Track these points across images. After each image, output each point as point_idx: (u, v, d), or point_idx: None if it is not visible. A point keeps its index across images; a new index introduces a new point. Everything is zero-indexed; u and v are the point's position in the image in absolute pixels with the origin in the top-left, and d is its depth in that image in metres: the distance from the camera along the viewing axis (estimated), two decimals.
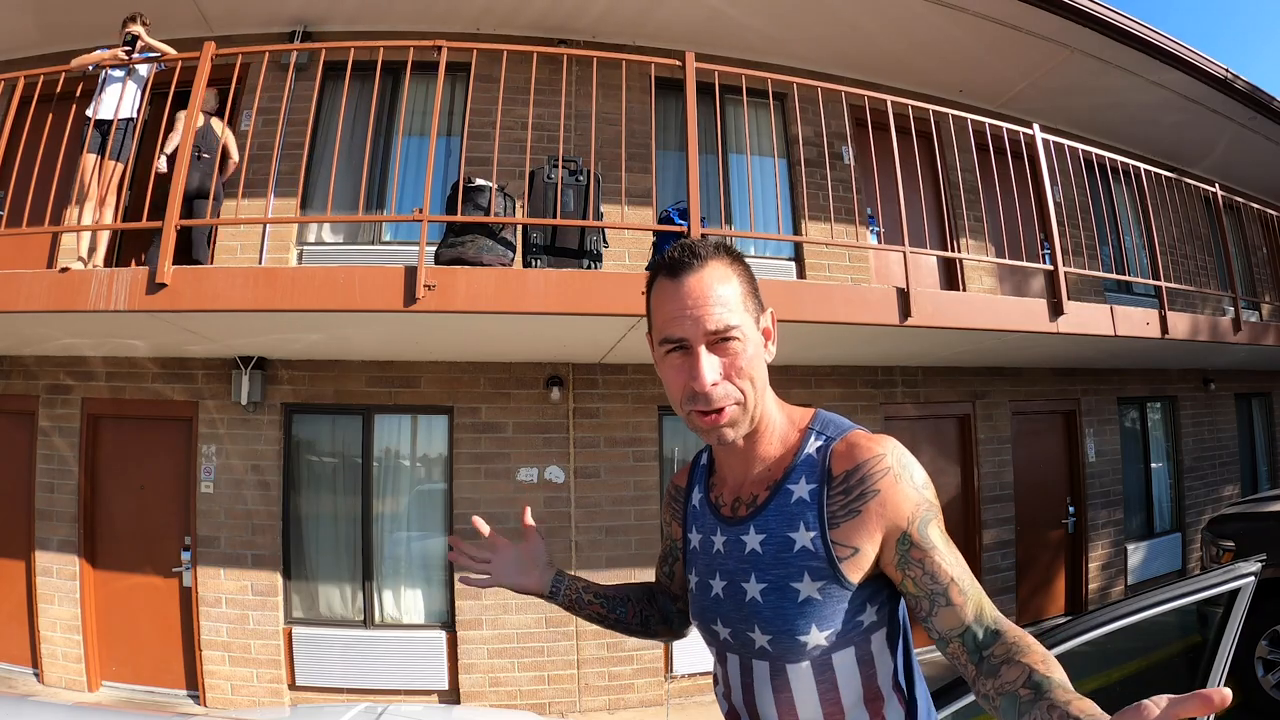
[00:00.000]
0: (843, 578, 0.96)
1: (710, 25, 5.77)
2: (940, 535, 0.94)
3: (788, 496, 1.01)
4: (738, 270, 1.04)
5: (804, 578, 0.97)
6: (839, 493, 0.97)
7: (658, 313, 1.03)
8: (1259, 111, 7.72)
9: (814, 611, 0.96)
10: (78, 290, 3.52)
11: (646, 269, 4.39)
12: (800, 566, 0.98)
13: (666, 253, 1.03)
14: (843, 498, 0.97)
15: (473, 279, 3.59)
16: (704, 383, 0.97)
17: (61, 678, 4.93)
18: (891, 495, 0.94)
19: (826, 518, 0.97)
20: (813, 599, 0.96)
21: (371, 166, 5.33)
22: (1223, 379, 8.48)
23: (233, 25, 5.52)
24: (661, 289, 1.03)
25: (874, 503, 0.94)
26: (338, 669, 4.90)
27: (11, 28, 5.41)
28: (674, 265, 1.02)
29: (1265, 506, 4.96)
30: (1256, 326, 6.26)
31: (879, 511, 0.94)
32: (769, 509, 1.03)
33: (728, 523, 1.09)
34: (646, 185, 5.26)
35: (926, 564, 0.92)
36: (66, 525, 5.02)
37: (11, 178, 4.22)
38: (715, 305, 0.98)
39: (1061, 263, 4.76)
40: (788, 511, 1.01)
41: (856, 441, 0.99)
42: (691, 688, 5.19)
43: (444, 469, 5.21)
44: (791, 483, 1.02)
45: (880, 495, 0.94)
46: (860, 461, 0.96)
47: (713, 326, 0.97)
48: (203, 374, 5.08)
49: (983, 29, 5.89)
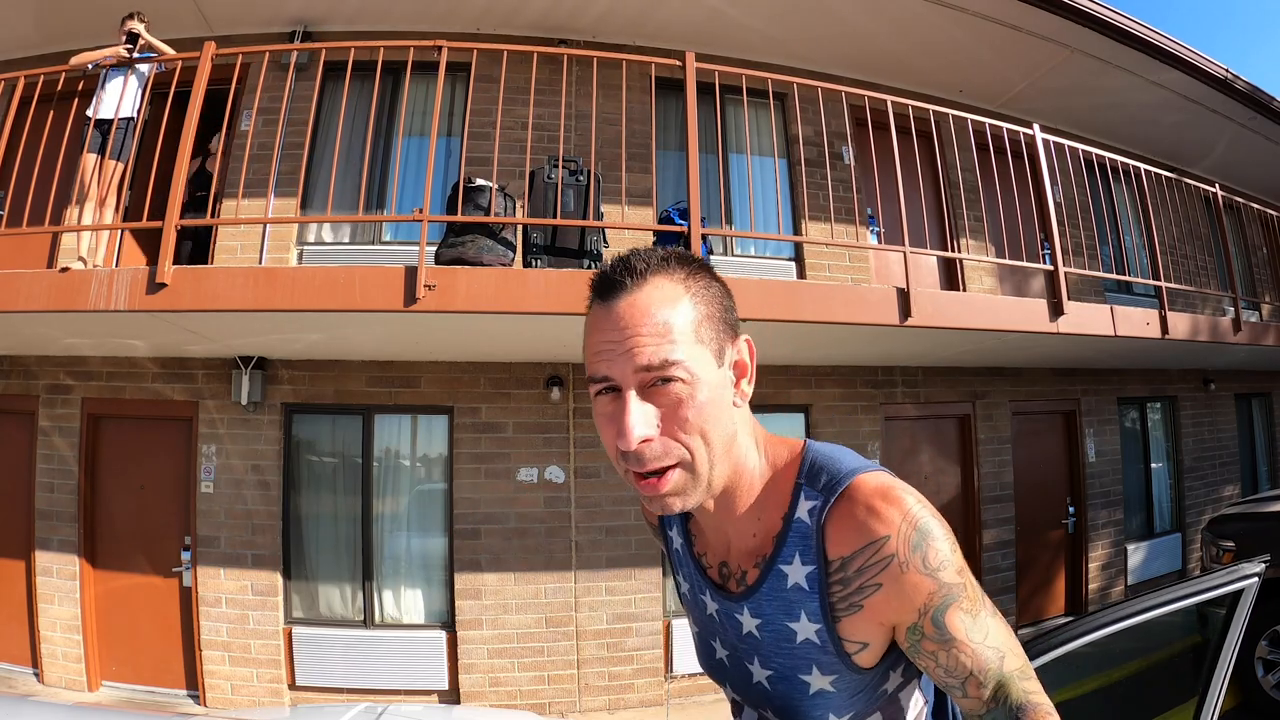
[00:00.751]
0: (855, 667, 0.83)
1: (710, 25, 5.77)
2: (961, 620, 0.77)
3: (782, 580, 0.85)
4: (694, 287, 0.81)
5: (812, 670, 0.84)
6: (837, 582, 0.81)
7: (586, 344, 0.83)
8: (1259, 111, 7.72)
9: (829, 701, 0.85)
10: (78, 290, 3.52)
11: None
12: (807, 660, 0.84)
13: (598, 269, 0.85)
14: (841, 588, 0.81)
15: (473, 279, 3.59)
16: (628, 438, 0.76)
17: (61, 678, 4.93)
18: (896, 590, 0.77)
19: (829, 609, 0.82)
20: (825, 691, 0.84)
21: (371, 166, 5.33)
22: (1223, 379, 8.48)
23: (233, 25, 5.52)
24: (592, 316, 0.83)
25: (877, 598, 0.79)
26: (338, 669, 4.90)
27: (11, 28, 5.42)
28: (604, 285, 0.81)
29: (1265, 507, 4.96)
30: (1256, 327, 6.26)
31: (883, 607, 0.79)
32: (762, 591, 0.87)
33: (717, 590, 0.93)
34: (647, 185, 5.26)
35: (941, 656, 0.78)
36: (66, 525, 5.02)
37: (11, 178, 4.22)
38: (648, 335, 0.77)
39: (1061, 263, 4.76)
40: (784, 598, 0.85)
41: (854, 512, 0.79)
42: (691, 688, 5.19)
43: (444, 469, 5.21)
44: (784, 561, 0.84)
45: (883, 591, 0.78)
46: (858, 549, 0.79)
47: (643, 361, 0.76)
48: (203, 374, 5.08)
49: (983, 29, 5.89)
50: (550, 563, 5.08)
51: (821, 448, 0.88)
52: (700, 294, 0.82)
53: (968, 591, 0.78)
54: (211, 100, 4.02)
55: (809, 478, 0.85)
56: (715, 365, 0.81)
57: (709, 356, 0.80)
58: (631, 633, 5.12)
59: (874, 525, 0.78)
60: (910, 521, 0.77)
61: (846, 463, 0.84)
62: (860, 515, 0.79)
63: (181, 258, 4.47)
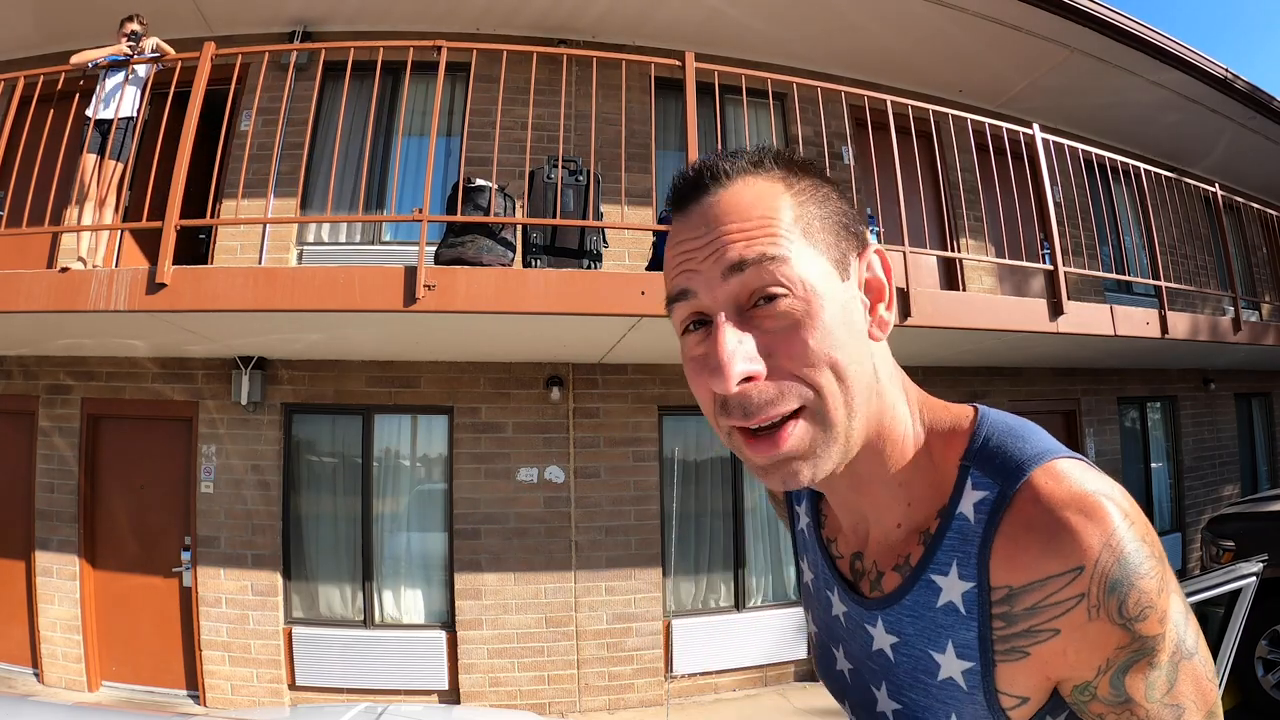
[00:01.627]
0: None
1: (710, 25, 5.77)
2: (1147, 678, 0.56)
3: (931, 594, 0.63)
4: (798, 185, 0.63)
5: (950, 718, 0.63)
6: (999, 616, 0.59)
7: (665, 267, 0.65)
8: (1259, 111, 7.72)
9: None
10: (78, 290, 3.52)
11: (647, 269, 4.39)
12: (946, 704, 0.63)
13: (675, 178, 0.65)
14: (1003, 625, 0.59)
15: (473, 279, 3.59)
16: (725, 374, 0.57)
17: (61, 678, 4.93)
18: (1075, 639, 0.56)
19: (989, 646, 0.60)
20: None
21: (371, 166, 5.34)
22: (1223, 379, 8.48)
23: (232, 25, 5.52)
24: (672, 230, 0.65)
25: (1049, 646, 0.57)
26: (338, 669, 4.90)
27: (11, 28, 5.42)
28: (682, 190, 0.64)
29: (1265, 506, 4.96)
30: (1256, 326, 6.26)
31: (1055, 659, 0.58)
32: (904, 604, 0.65)
33: (847, 589, 0.73)
34: (646, 185, 5.26)
35: (1109, 718, 0.58)
36: (66, 525, 5.02)
37: (11, 178, 4.22)
38: (739, 229, 0.59)
39: (1061, 263, 4.76)
40: (930, 620, 0.63)
41: (1035, 523, 0.57)
42: (691, 688, 5.19)
43: (444, 469, 5.21)
44: (938, 570, 0.62)
45: (1059, 639, 0.57)
46: (1036, 580, 0.57)
47: (734, 256, 0.58)
48: (203, 374, 5.08)
49: (982, 29, 5.89)
50: (550, 563, 5.08)
51: (1000, 419, 0.65)
52: (807, 193, 0.63)
53: (1165, 639, 0.56)
54: (211, 100, 4.02)
55: (980, 458, 0.62)
56: (837, 277, 0.62)
57: (827, 265, 0.61)
58: (631, 633, 5.12)
59: (1063, 549, 0.56)
60: (1115, 548, 0.55)
61: (1034, 443, 0.61)
62: (1044, 530, 0.57)
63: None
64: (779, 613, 5.39)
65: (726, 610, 5.44)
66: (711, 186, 0.62)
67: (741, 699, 5.18)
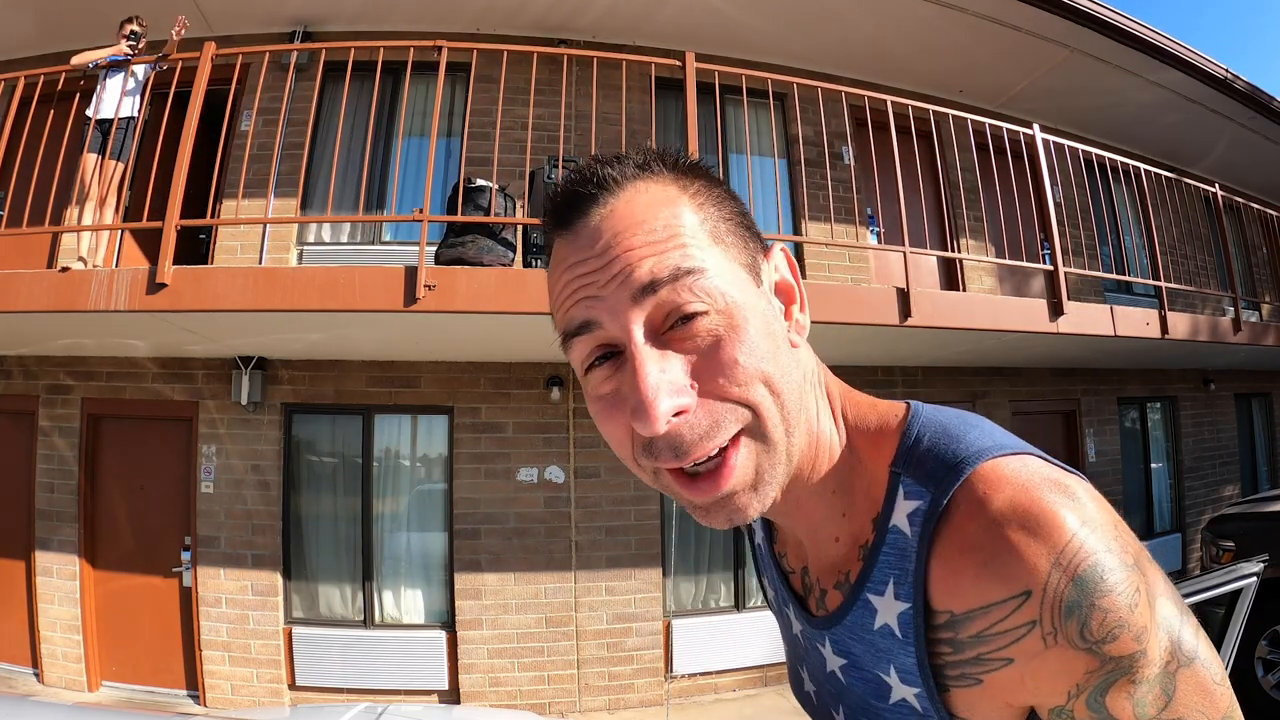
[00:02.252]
0: None
1: (711, 25, 5.77)
2: (1132, 696, 0.49)
3: (869, 615, 0.57)
4: (692, 188, 0.57)
5: None
6: (944, 642, 0.53)
7: (552, 298, 0.57)
8: (1259, 111, 7.72)
9: None
10: (78, 290, 3.53)
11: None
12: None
13: (549, 190, 0.56)
14: (951, 651, 0.53)
15: (473, 279, 3.59)
16: (650, 413, 0.50)
17: (61, 678, 4.93)
18: (1034, 668, 0.50)
19: (930, 672, 0.54)
20: None
21: (371, 167, 5.33)
22: (1223, 379, 8.48)
23: (233, 25, 5.52)
24: (556, 255, 0.57)
25: (1003, 674, 0.51)
26: (338, 669, 4.90)
27: (11, 28, 5.42)
28: (563, 206, 0.56)
29: (1265, 507, 4.96)
30: (1256, 327, 6.27)
31: (1013, 687, 0.51)
32: (845, 624, 0.60)
33: (799, 606, 0.67)
34: None
35: None
36: (66, 525, 5.02)
37: (12, 178, 4.22)
38: (644, 243, 0.52)
39: (1061, 263, 4.76)
40: (871, 643, 0.58)
41: (972, 540, 0.50)
42: (691, 688, 5.19)
43: (444, 469, 5.21)
44: (874, 589, 0.57)
45: (1014, 667, 0.50)
46: (983, 605, 0.50)
47: (643, 276, 0.51)
48: (203, 374, 5.08)
49: (983, 29, 5.89)
50: (550, 563, 5.08)
51: (932, 414, 0.58)
52: (703, 195, 0.57)
53: (1148, 655, 0.49)
54: (211, 100, 4.02)
55: (910, 462, 0.55)
56: (752, 283, 0.56)
57: (741, 271, 0.55)
58: (631, 633, 5.12)
59: (1004, 571, 0.49)
60: (1067, 566, 0.48)
61: (969, 441, 0.54)
62: (981, 551, 0.50)
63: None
64: None
65: (727, 610, 5.44)
66: (600, 196, 0.54)
67: (741, 699, 5.18)
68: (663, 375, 0.50)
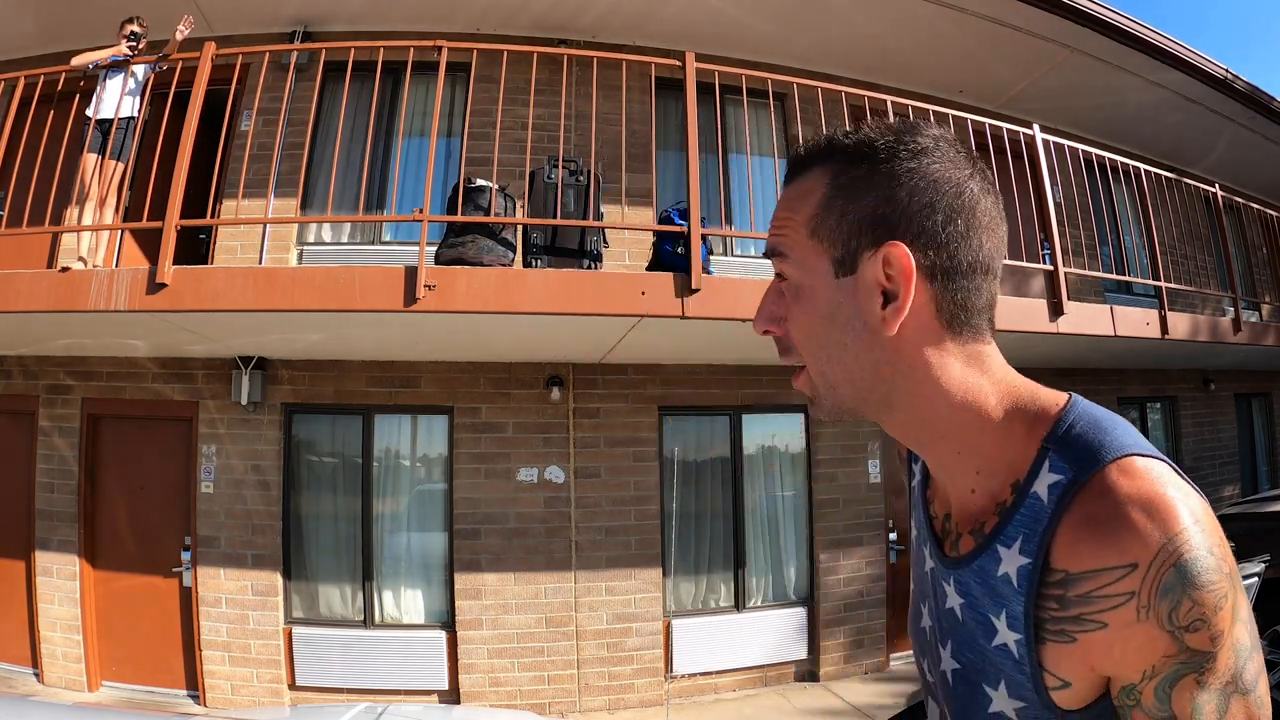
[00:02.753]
0: (1050, 705, 0.62)
1: (711, 25, 5.77)
2: (1196, 698, 0.55)
3: (994, 563, 0.65)
4: (845, 178, 0.68)
5: (999, 685, 0.65)
6: (1053, 598, 0.60)
7: None
8: (1259, 111, 7.72)
9: None
10: (78, 290, 3.53)
11: (647, 269, 4.39)
12: (997, 667, 0.65)
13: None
14: (1056, 607, 0.60)
15: (473, 279, 3.59)
16: (756, 318, 0.74)
17: (61, 678, 4.93)
18: (1122, 637, 0.57)
19: (1034, 624, 0.62)
20: (1006, 717, 0.65)
21: (371, 167, 5.33)
22: (1223, 379, 8.48)
23: (233, 25, 5.52)
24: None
25: (1095, 637, 0.58)
26: (338, 669, 4.90)
27: (11, 28, 5.42)
28: (785, 175, 0.76)
29: (1265, 507, 4.96)
30: (1256, 327, 6.26)
31: (1100, 652, 0.58)
32: (972, 568, 0.68)
33: (935, 546, 0.77)
34: (647, 185, 5.26)
35: None
36: (66, 525, 5.02)
37: (12, 178, 4.22)
38: (776, 220, 0.72)
39: (1061, 263, 4.76)
40: (991, 588, 0.66)
41: (1100, 513, 0.58)
42: (691, 688, 5.19)
43: (444, 469, 5.21)
44: (1005, 541, 0.64)
45: (1106, 632, 0.57)
46: (1094, 568, 0.57)
47: (769, 243, 0.73)
48: (203, 374, 5.08)
49: (982, 29, 5.89)
50: (550, 563, 5.08)
51: (1090, 409, 0.67)
52: (848, 187, 0.67)
53: (1218, 661, 0.55)
54: (211, 100, 4.02)
55: (1061, 442, 0.63)
56: (829, 271, 0.68)
57: (825, 263, 0.68)
58: (631, 633, 5.12)
59: (1120, 543, 0.56)
60: (1173, 552, 0.55)
61: (1116, 436, 0.62)
62: (1106, 522, 0.57)
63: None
64: (779, 613, 5.39)
65: (727, 610, 5.44)
66: (789, 175, 0.73)
67: (741, 699, 5.18)
68: (765, 305, 0.73)
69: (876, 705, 4.91)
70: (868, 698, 4.99)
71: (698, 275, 3.70)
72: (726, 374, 5.55)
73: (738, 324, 3.80)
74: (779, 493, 5.69)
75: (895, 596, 5.85)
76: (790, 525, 5.70)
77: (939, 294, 0.67)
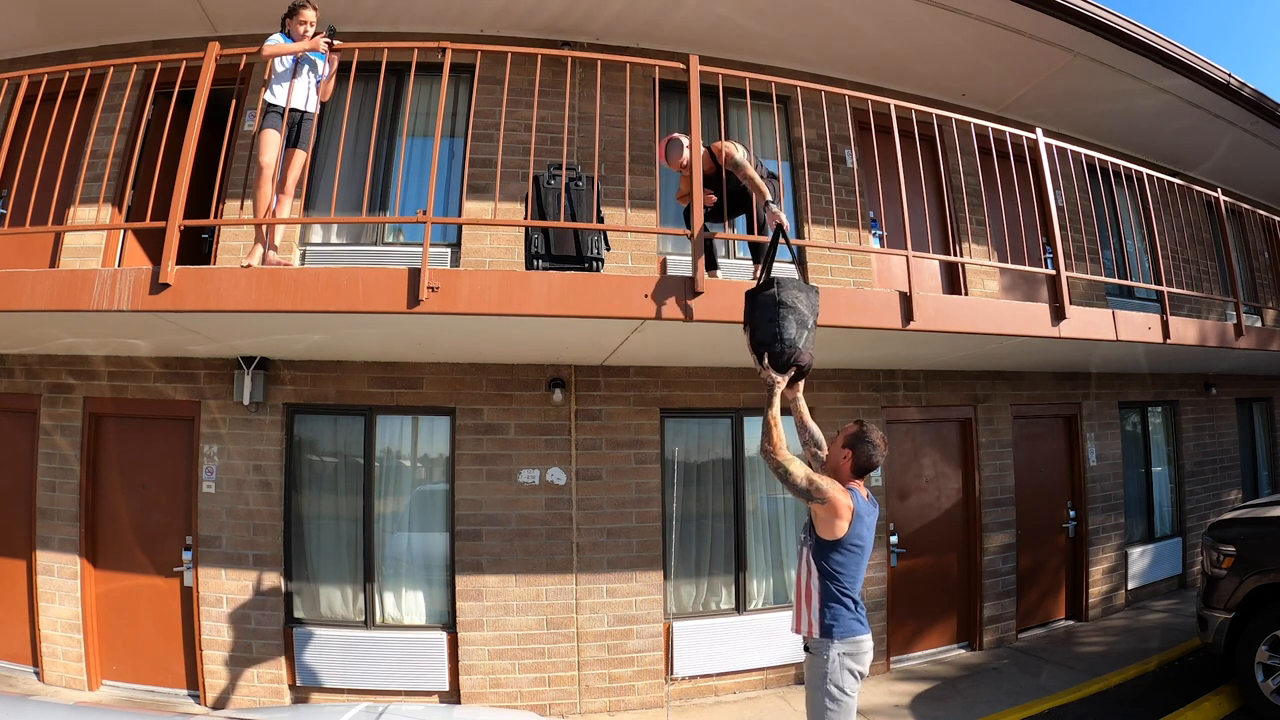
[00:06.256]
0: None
1: (716, 31, 5.76)
2: None
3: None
4: None
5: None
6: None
7: None
8: (1263, 117, 7.72)
9: None
10: (81, 290, 3.52)
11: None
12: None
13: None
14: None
15: (475, 281, 3.59)
16: None
17: (62, 677, 4.93)
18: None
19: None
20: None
21: (375, 167, 5.33)
22: (1224, 383, 8.48)
23: (237, 25, 5.52)
24: None
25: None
26: (338, 669, 4.90)
27: (14, 27, 5.43)
28: None
29: (1266, 511, 4.95)
30: (1259, 332, 6.26)
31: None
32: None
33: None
34: (650, 188, 5.27)
35: None
36: (68, 524, 5.02)
37: (15, 177, 4.22)
38: None
39: (1064, 267, 4.76)
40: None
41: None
42: (691, 690, 5.19)
43: (445, 470, 5.21)
44: None
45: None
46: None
47: None
48: (205, 374, 5.09)
49: (985, 33, 5.89)
50: (551, 564, 5.08)
51: None
52: None
53: None
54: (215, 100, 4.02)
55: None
56: None
57: None
58: (632, 635, 5.12)
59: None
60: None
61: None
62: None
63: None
64: (780, 615, 5.38)
65: (727, 613, 5.44)
66: None
67: (742, 702, 5.17)
68: None
69: (877, 708, 4.91)
70: (868, 700, 4.99)
71: (701, 278, 3.70)
72: (728, 376, 5.55)
73: (740, 326, 3.80)
74: (780, 495, 5.69)
75: (896, 600, 5.84)
76: (792, 528, 5.70)
77: None
